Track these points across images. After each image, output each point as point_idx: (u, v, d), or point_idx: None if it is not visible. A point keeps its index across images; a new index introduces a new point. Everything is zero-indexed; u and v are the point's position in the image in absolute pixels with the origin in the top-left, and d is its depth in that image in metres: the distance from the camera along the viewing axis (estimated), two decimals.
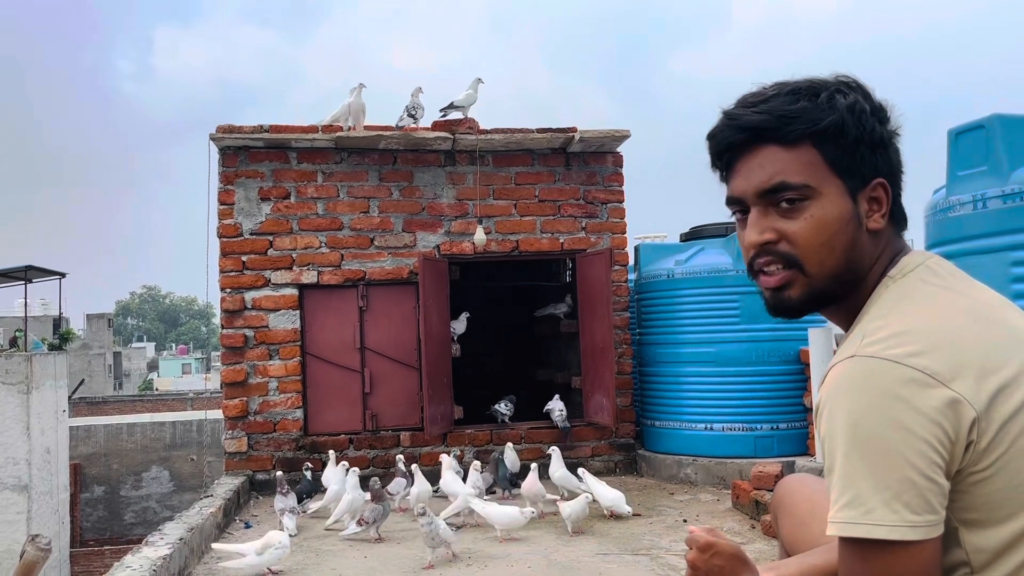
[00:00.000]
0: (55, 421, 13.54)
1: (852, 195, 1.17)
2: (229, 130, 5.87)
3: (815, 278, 1.18)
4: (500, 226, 6.20)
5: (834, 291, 1.20)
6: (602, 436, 6.19)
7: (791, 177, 1.16)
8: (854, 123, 1.16)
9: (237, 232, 5.96)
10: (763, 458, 5.33)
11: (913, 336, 1.06)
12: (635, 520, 4.64)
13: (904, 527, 1.00)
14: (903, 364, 1.03)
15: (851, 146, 1.16)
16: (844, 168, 1.16)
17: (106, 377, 36.03)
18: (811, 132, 1.15)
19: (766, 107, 1.18)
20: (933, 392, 1.01)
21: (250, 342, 5.92)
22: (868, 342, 1.08)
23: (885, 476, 1.01)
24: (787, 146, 1.16)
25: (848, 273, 1.18)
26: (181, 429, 17.72)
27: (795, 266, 1.18)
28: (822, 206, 1.16)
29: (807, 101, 1.17)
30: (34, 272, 18.16)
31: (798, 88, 1.19)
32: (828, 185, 1.16)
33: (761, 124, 1.17)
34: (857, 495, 1.02)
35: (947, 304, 1.12)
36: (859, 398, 1.04)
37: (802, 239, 1.17)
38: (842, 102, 1.16)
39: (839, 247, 1.16)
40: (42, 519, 12.63)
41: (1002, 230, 3.40)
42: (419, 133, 5.96)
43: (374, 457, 5.91)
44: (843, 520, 1.04)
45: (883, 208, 1.18)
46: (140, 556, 3.49)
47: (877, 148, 1.17)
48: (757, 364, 5.56)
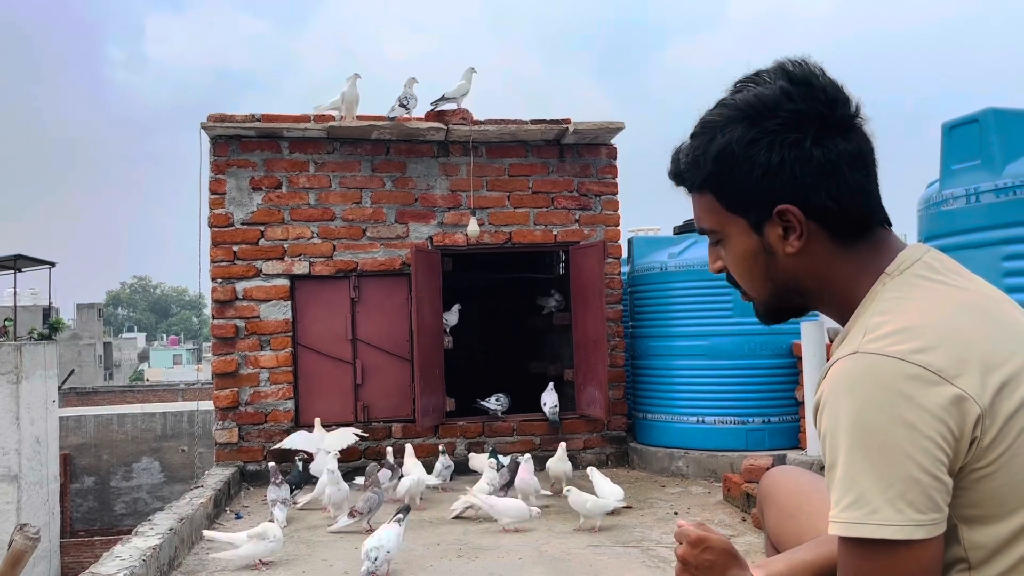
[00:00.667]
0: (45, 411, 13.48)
1: (756, 228, 1.19)
2: (220, 119, 5.83)
3: (757, 300, 1.28)
4: (493, 218, 6.19)
5: (785, 306, 1.27)
6: (594, 429, 6.20)
7: (703, 222, 1.27)
8: (727, 167, 1.17)
9: (228, 222, 5.93)
10: (754, 451, 5.34)
11: (916, 333, 1.04)
12: (626, 512, 4.65)
13: (910, 526, 0.99)
14: (907, 361, 1.02)
15: (733, 189, 1.19)
16: (738, 207, 1.20)
17: (96, 367, 35.90)
18: (700, 182, 1.23)
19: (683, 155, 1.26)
20: (938, 389, 1.00)
21: (241, 333, 5.90)
22: (870, 339, 1.06)
23: (890, 475, 1.00)
24: (696, 193, 1.26)
25: (784, 293, 1.24)
26: (172, 420, 17.67)
27: (741, 291, 1.30)
28: (731, 245, 1.25)
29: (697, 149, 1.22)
30: (24, 261, 18.05)
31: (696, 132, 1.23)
32: (730, 225, 1.23)
33: (675, 176, 1.29)
34: (861, 495, 1.01)
35: (947, 300, 1.10)
36: (862, 395, 1.02)
37: (732, 271, 1.28)
38: (714, 148, 1.18)
39: (759, 276, 1.24)
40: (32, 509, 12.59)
41: (995, 224, 3.41)
42: (412, 124, 5.94)
43: (365, 448, 5.90)
44: (847, 520, 1.02)
45: (799, 229, 1.16)
46: (130, 546, 3.48)
47: (764, 178, 1.14)
48: (749, 357, 5.57)
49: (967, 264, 1.19)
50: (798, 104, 1.15)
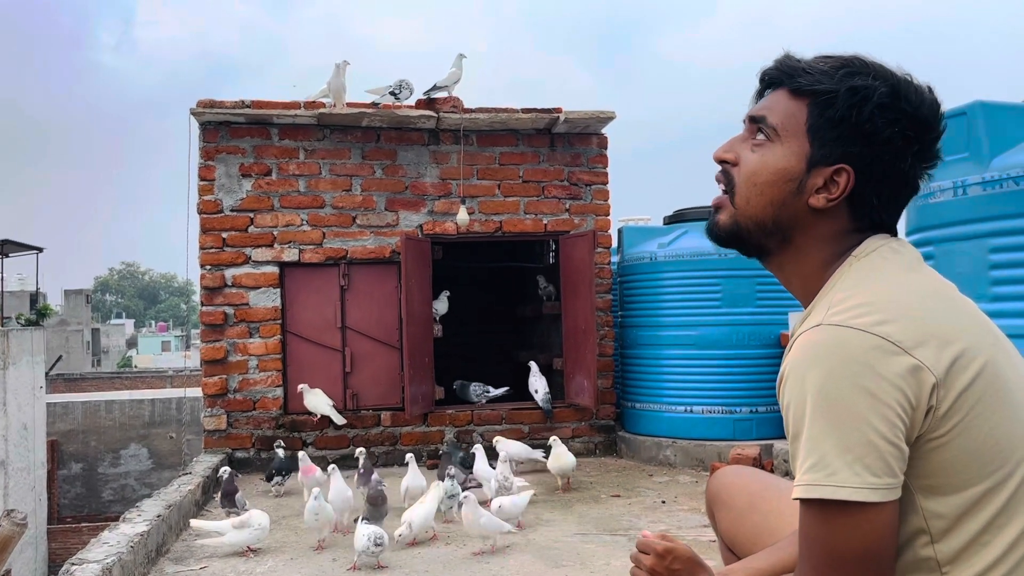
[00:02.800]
0: (32, 397, 13.43)
1: (810, 163, 1.20)
2: (210, 105, 5.80)
3: (739, 212, 1.26)
4: (484, 206, 6.18)
5: (756, 239, 1.27)
6: (583, 418, 6.22)
7: (771, 117, 1.24)
8: (847, 103, 1.18)
9: (217, 208, 5.90)
10: (742, 440, 5.38)
11: (877, 307, 1.09)
12: (614, 501, 4.67)
13: (865, 489, 1.03)
14: (868, 332, 1.06)
15: (834, 120, 1.19)
16: (817, 136, 1.20)
17: (84, 354, 35.74)
18: (808, 90, 1.21)
19: (806, 63, 1.24)
20: (897, 359, 1.05)
21: (230, 320, 5.88)
22: (834, 312, 1.11)
23: (849, 439, 1.03)
24: (791, 94, 1.23)
25: (772, 228, 1.24)
26: (160, 407, 17.64)
27: (730, 192, 1.27)
28: (775, 153, 1.22)
29: (829, 67, 1.21)
30: (10, 246, 17.93)
31: (840, 57, 1.24)
32: (793, 140, 1.22)
33: (783, 68, 1.25)
34: (821, 457, 1.05)
35: (907, 280, 1.16)
36: (826, 364, 1.06)
37: (744, 170, 1.25)
38: (853, 81, 1.19)
39: (767, 196, 1.23)
40: (19, 495, 12.55)
41: (982, 216, 3.42)
42: (402, 111, 5.91)
43: (354, 436, 5.91)
44: (807, 482, 1.06)
45: (836, 193, 1.19)
46: (117, 532, 3.47)
47: (862, 138, 1.17)
48: (737, 347, 5.60)
49: (954, 257, 1.22)
50: (931, 118, 1.20)
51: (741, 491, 1.64)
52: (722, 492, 1.68)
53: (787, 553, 1.41)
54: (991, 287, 3.26)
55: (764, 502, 1.59)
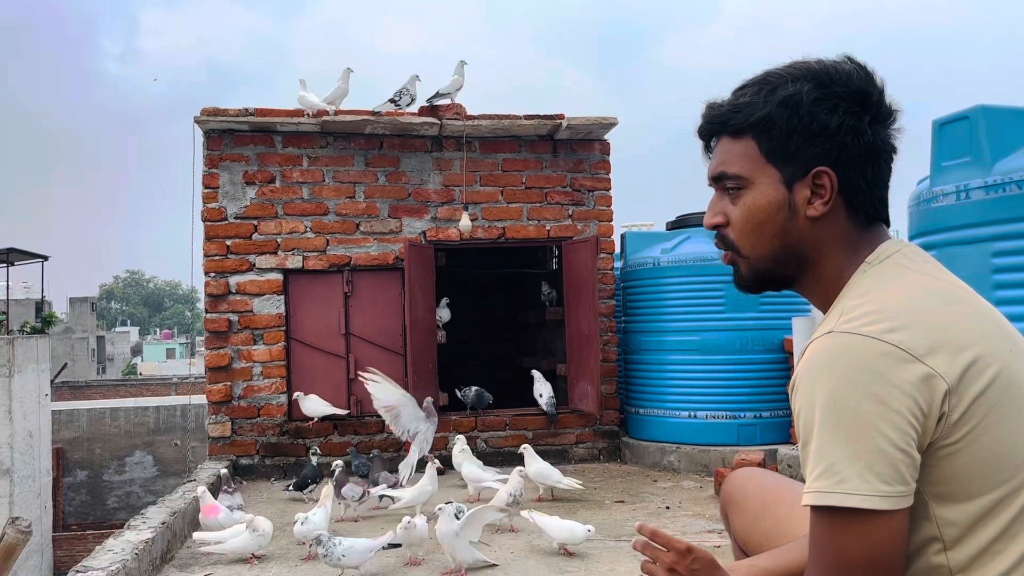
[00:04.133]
0: (37, 405, 13.45)
1: (788, 184, 1.21)
2: (214, 113, 5.82)
3: (751, 260, 1.27)
4: (486, 212, 6.19)
5: (779, 273, 1.28)
6: (586, 423, 6.22)
7: (729, 168, 1.25)
8: (786, 115, 1.20)
9: (222, 216, 5.92)
10: (746, 446, 5.37)
11: (889, 314, 1.09)
12: (618, 507, 4.67)
13: (875, 496, 1.02)
14: (880, 340, 1.06)
15: (783, 137, 1.21)
16: (778, 157, 1.21)
17: (89, 361, 35.81)
18: (747, 125, 1.23)
19: (729, 101, 1.27)
20: (908, 367, 1.04)
21: (234, 327, 5.89)
22: (846, 319, 1.11)
23: (859, 447, 1.03)
24: (733, 137, 1.25)
25: (787, 257, 1.25)
26: (165, 414, 17.66)
27: (733, 249, 1.29)
28: (753, 195, 1.24)
29: (753, 95, 1.23)
30: (16, 255, 17.99)
31: (754, 81, 1.25)
32: (761, 175, 1.23)
33: (714, 119, 1.28)
34: (831, 465, 1.05)
35: (921, 287, 1.15)
36: (837, 372, 1.06)
37: (736, 225, 1.27)
38: (780, 94, 1.20)
39: (768, 233, 1.24)
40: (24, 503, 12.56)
41: (984, 221, 3.42)
42: (405, 118, 5.93)
43: (358, 443, 5.91)
44: (817, 489, 1.06)
45: (827, 195, 1.20)
46: (122, 540, 3.48)
47: (817, 136, 1.19)
48: (741, 352, 5.59)
49: (957, 261, 1.23)
50: (864, 85, 1.21)
51: (755, 493, 1.64)
52: (736, 494, 1.68)
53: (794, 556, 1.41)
54: (994, 291, 3.25)
55: (777, 505, 1.59)
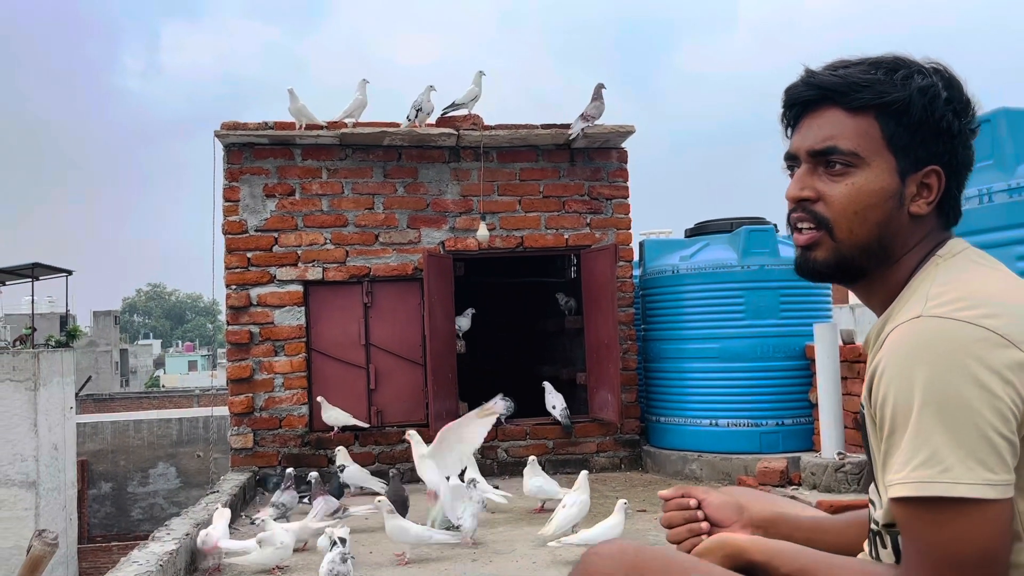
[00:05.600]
0: (62, 418, 13.58)
1: (902, 174, 1.18)
2: (234, 127, 5.88)
3: (842, 244, 1.20)
4: (504, 222, 6.20)
5: (860, 264, 1.21)
6: (607, 432, 6.19)
7: (843, 143, 1.18)
8: (921, 105, 1.16)
9: (242, 229, 5.98)
10: (768, 454, 5.33)
11: (979, 300, 1.06)
12: (640, 516, 4.64)
13: (983, 485, 0.98)
14: (976, 324, 1.03)
15: (912, 127, 1.17)
16: (900, 146, 1.17)
17: (113, 374, 36.16)
18: (876, 103, 1.17)
19: (843, 72, 1.20)
20: (1007, 352, 1.01)
21: (256, 338, 5.93)
22: (934, 304, 1.08)
23: (962, 434, 0.99)
24: (850, 112, 1.18)
25: (878, 249, 1.19)
26: (187, 426, 17.77)
27: (825, 228, 1.20)
28: (866, 177, 1.17)
29: (883, 74, 1.18)
30: (41, 269, 18.23)
31: (880, 61, 1.20)
32: (878, 159, 1.17)
33: (832, 86, 1.19)
34: (933, 452, 0.99)
35: (998, 279, 1.13)
36: (933, 355, 1.02)
37: (838, 203, 1.19)
38: (917, 82, 1.17)
39: (872, 220, 1.18)
40: (50, 515, 12.69)
41: (1008, 224, 3.39)
42: (423, 129, 5.96)
43: (379, 453, 5.92)
44: (918, 479, 1.00)
45: (932, 195, 1.19)
46: (147, 551, 3.51)
47: (941, 136, 1.17)
48: (762, 360, 5.56)
49: None
50: (970, 98, 1.20)
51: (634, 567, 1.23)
52: None
53: None
54: None
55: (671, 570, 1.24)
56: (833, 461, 4.85)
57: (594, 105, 6.06)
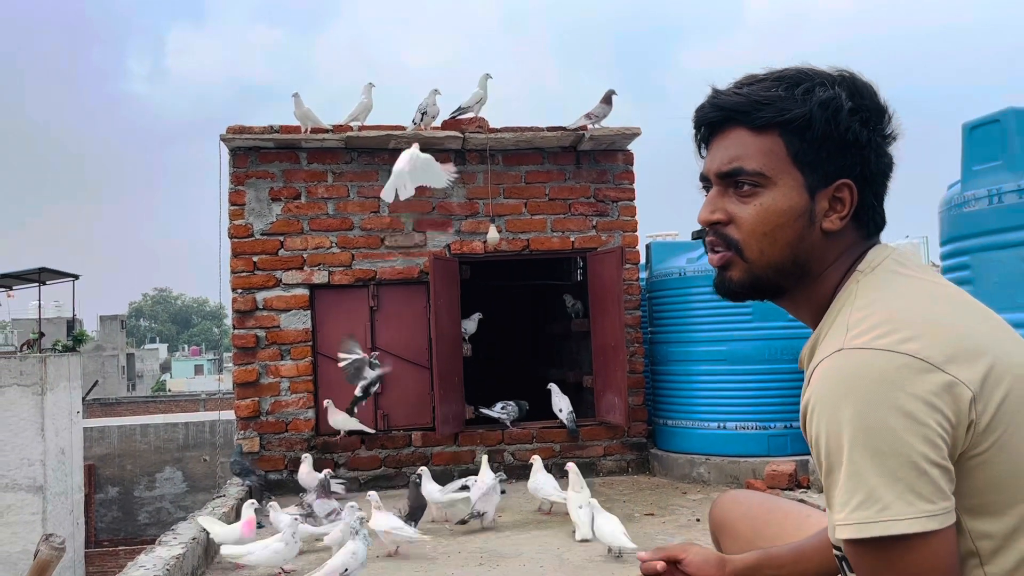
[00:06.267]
0: (69, 422, 13.63)
1: (811, 191, 1.15)
2: (239, 131, 5.89)
3: (754, 265, 1.19)
4: (511, 225, 6.19)
5: (775, 282, 1.20)
6: (614, 435, 6.17)
7: (748, 163, 1.16)
8: (824, 119, 1.14)
9: (248, 233, 5.98)
10: (777, 456, 5.31)
11: (898, 324, 1.04)
12: (648, 519, 4.62)
13: (923, 518, 0.97)
14: (895, 352, 1.01)
15: (817, 141, 1.14)
16: (806, 162, 1.15)
17: (119, 378, 36.28)
18: (778, 121, 1.15)
19: (747, 90, 1.18)
20: (929, 377, 0.99)
21: (262, 342, 5.93)
22: (854, 335, 1.06)
23: (894, 468, 0.98)
24: (754, 131, 1.17)
25: (792, 267, 1.18)
26: (194, 430, 17.81)
27: (735, 249, 1.19)
28: (773, 196, 1.16)
29: (785, 90, 1.16)
30: (48, 274, 18.29)
31: (783, 76, 1.18)
32: (785, 177, 1.15)
33: (734, 106, 1.18)
34: (869, 493, 0.99)
35: (922, 292, 1.11)
36: (856, 391, 1.01)
37: (746, 225, 1.17)
38: (819, 96, 1.14)
39: (782, 240, 1.16)
40: (57, 519, 12.72)
41: (1018, 225, 3.37)
42: (429, 133, 5.96)
43: (385, 457, 5.91)
44: (857, 521, 1.00)
45: (845, 210, 1.16)
46: (153, 556, 3.50)
47: (848, 148, 1.14)
48: (770, 362, 5.53)
49: (990, 266, 1.20)
50: (882, 101, 1.18)
51: (745, 517, 1.58)
52: (726, 519, 1.62)
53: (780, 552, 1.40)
54: None
55: (768, 527, 1.54)
56: None
57: (600, 107, 6.07)
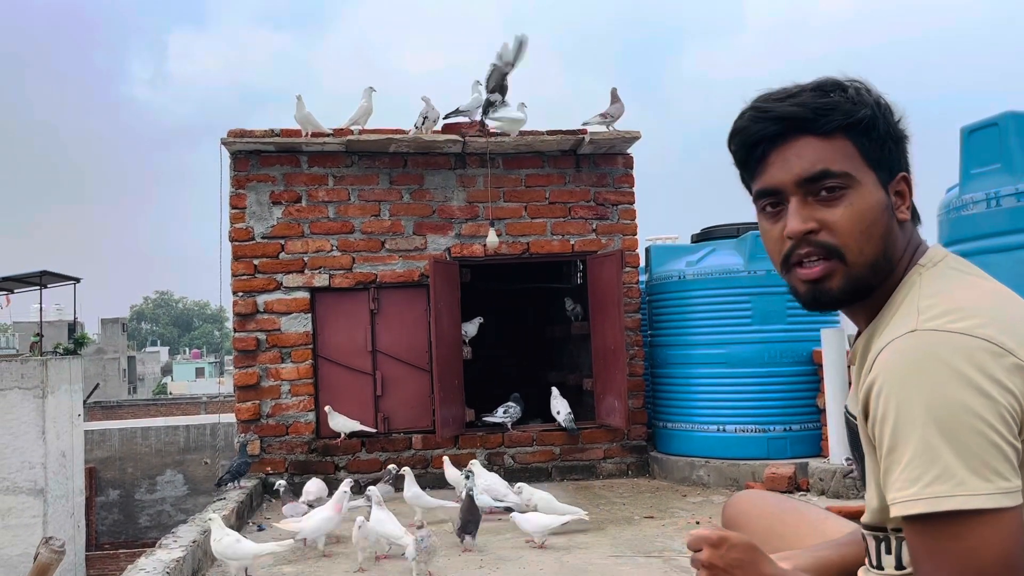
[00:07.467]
0: (70, 425, 13.63)
1: (884, 186, 1.20)
2: (240, 134, 5.90)
3: (855, 267, 1.18)
4: (511, 228, 6.20)
5: (870, 281, 1.21)
6: (614, 438, 6.18)
7: (833, 165, 1.17)
8: (883, 117, 1.20)
9: (249, 236, 5.99)
10: (776, 460, 5.31)
11: (970, 311, 1.07)
12: (647, 522, 4.63)
13: (999, 495, 0.98)
14: (971, 335, 1.04)
15: (881, 139, 1.19)
16: (876, 160, 1.19)
17: (120, 381, 36.28)
18: (846, 124, 1.18)
19: (798, 100, 1.20)
20: (1003, 360, 1.02)
21: (262, 345, 5.94)
22: (927, 317, 1.08)
23: (971, 445, 0.99)
24: (823, 137, 1.18)
25: (884, 262, 1.20)
26: (195, 433, 17.80)
27: (835, 256, 1.18)
28: (861, 195, 1.18)
29: (838, 95, 1.20)
30: (49, 277, 18.30)
31: (823, 84, 1.22)
32: (865, 174, 1.19)
33: (797, 115, 1.19)
34: (945, 468, 0.99)
35: (983, 288, 1.14)
36: (932, 370, 1.03)
37: (844, 227, 1.17)
38: (872, 98, 1.20)
39: (877, 235, 1.18)
40: (58, 522, 12.71)
41: (1016, 228, 3.38)
42: (429, 136, 5.98)
43: (386, 459, 5.92)
44: (932, 495, 0.99)
45: (907, 200, 1.22)
46: (154, 559, 3.51)
47: (900, 142, 1.22)
48: (769, 365, 5.54)
49: (988, 269, 1.21)
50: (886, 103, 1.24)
51: (759, 517, 1.60)
52: (740, 518, 1.63)
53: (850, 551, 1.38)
54: None
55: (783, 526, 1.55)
56: (841, 467, 4.84)
57: (615, 106, 6.13)
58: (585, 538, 4.29)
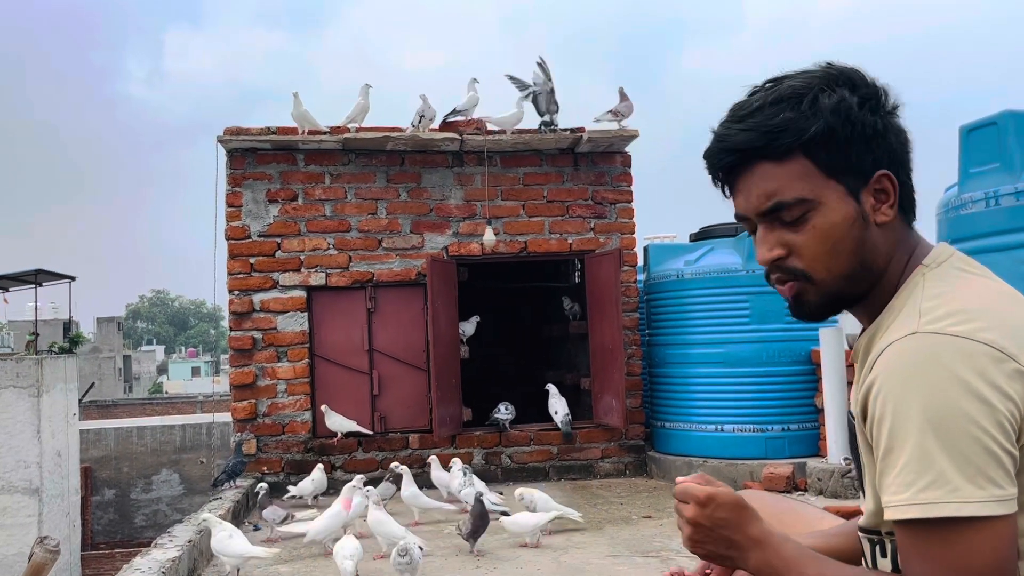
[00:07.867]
0: (65, 424, 13.58)
1: (855, 194, 1.15)
2: (236, 132, 5.88)
3: (825, 284, 1.17)
4: (508, 227, 6.19)
5: (850, 292, 1.18)
6: (612, 438, 6.17)
7: (786, 194, 1.14)
8: (841, 123, 1.12)
9: (245, 234, 5.97)
10: (774, 459, 5.30)
11: (973, 314, 1.04)
12: (645, 522, 4.62)
13: (993, 502, 0.97)
14: (972, 339, 1.02)
15: (842, 147, 1.13)
16: (840, 170, 1.14)
17: (116, 380, 36.19)
18: (799, 143, 1.13)
19: (752, 123, 1.16)
20: (1004, 366, 1.00)
21: (258, 344, 5.92)
22: (928, 320, 1.06)
23: (967, 451, 0.98)
24: (778, 161, 1.15)
25: (861, 271, 1.17)
26: (191, 432, 17.76)
27: (803, 278, 1.18)
28: (823, 214, 1.14)
29: (791, 110, 1.14)
30: (44, 276, 18.25)
31: (780, 96, 1.16)
32: (826, 192, 1.14)
33: (748, 143, 1.16)
34: (940, 474, 0.98)
35: (988, 290, 1.11)
36: (931, 373, 1.01)
37: (807, 251, 1.16)
38: (826, 104, 1.13)
39: (846, 250, 1.15)
40: (53, 522, 12.67)
41: (1015, 227, 3.37)
42: (426, 134, 5.96)
43: (383, 459, 5.90)
44: (926, 501, 0.98)
45: (891, 199, 1.16)
46: (149, 558, 3.49)
47: (872, 140, 1.14)
48: (768, 365, 5.53)
49: (989, 268, 1.19)
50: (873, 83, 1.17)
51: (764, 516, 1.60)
52: None
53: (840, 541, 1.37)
54: None
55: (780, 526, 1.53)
56: (839, 466, 4.83)
57: (625, 104, 6.15)
58: (582, 538, 4.27)
